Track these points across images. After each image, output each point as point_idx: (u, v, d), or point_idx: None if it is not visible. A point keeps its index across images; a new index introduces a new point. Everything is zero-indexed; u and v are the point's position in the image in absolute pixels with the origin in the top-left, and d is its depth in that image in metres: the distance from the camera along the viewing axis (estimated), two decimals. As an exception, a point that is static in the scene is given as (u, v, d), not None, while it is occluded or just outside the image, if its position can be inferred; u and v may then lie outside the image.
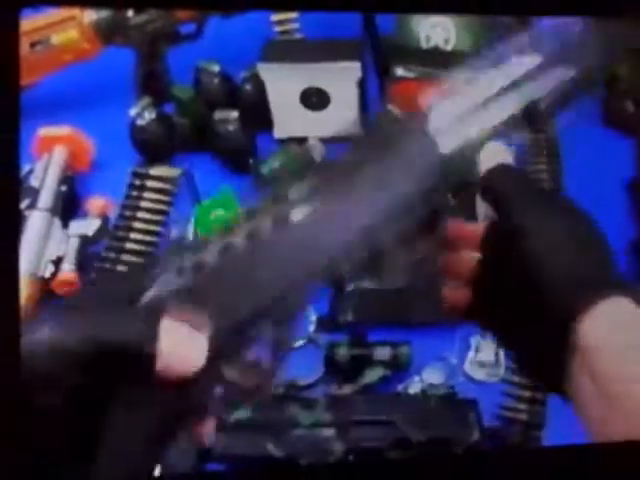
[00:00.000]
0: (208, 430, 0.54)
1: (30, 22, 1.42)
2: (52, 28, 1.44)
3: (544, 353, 0.58)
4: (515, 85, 0.61)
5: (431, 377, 1.18)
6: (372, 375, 1.17)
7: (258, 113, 1.48)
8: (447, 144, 0.59)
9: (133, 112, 1.42)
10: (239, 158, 1.43)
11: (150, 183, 1.40)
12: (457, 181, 0.59)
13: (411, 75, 1.33)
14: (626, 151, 1.47)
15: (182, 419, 0.52)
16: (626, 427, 0.51)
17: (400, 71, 1.34)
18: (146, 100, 1.43)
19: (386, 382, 1.19)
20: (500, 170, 0.65)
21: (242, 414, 1.11)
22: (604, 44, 0.61)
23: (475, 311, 0.66)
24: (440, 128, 0.59)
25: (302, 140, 1.46)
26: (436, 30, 1.31)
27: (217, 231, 0.54)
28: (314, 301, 1.10)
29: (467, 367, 1.20)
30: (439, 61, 1.32)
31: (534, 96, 0.62)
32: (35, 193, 1.32)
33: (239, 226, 0.54)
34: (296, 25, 1.58)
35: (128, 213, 1.37)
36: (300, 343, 1.22)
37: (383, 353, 1.17)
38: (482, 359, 1.21)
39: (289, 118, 1.49)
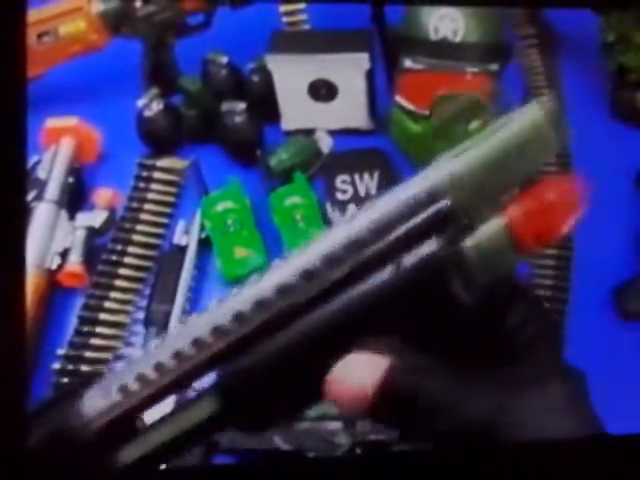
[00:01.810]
0: None
1: (37, 13, 1.42)
2: (59, 19, 1.44)
3: None
4: None
5: (438, 370, 1.18)
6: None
7: (266, 105, 1.47)
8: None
9: (140, 103, 1.42)
10: (246, 150, 1.42)
11: (157, 175, 1.41)
12: None
13: (419, 67, 1.33)
14: (635, 143, 1.46)
15: None
16: None
17: (408, 63, 1.34)
18: (154, 91, 1.43)
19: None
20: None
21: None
22: None
23: None
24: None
25: (310, 132, 1.46)
26: (445, 21, 1.31)
27: None
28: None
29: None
30: (448, 53, 1.31)
31: None
32: (42, 185, 1.32)
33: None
34: (304, 16, 1.58)
35: (135, 205, 1.37)
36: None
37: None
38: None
39: (297, 110, 1.48)
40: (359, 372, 0.48)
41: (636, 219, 1.37)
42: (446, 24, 1.31)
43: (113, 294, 1.27)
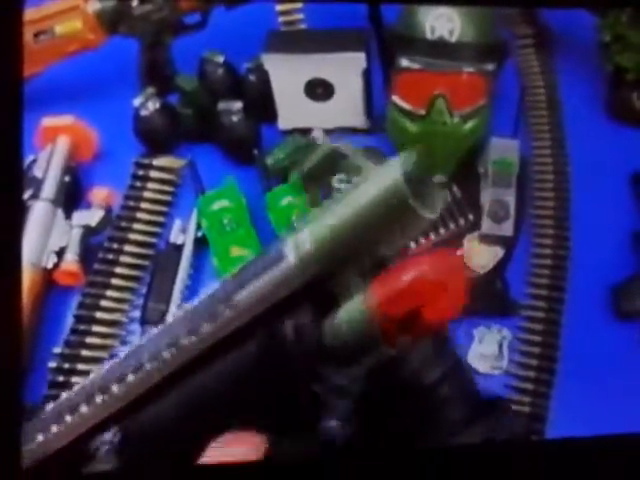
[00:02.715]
0: None
1: (34, 12, 1.42)
2: (56, 18, 1.43)
3: None
4: None
5: (434, 369, 1.18)
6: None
7: (262, 104, 1.47)
8: None
9: (137, 102, 1.41)
10: (243, 149, 1.42)
11: (154, 174, 1.41)
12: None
13: (416, 66, 1.33)
14: (632, 143, 1.46)
15: None
16: None
17: (405, 62, 1.34)
18: (150, 90, 1.42)
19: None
20: None
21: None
22: None
23: None
24: None
25: (306, 131, 1.46)
26: (441, 21, 1.31)
27: None
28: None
29: (470, 359, 1.20)
30: (444, 52, 1.31)
31: None
32: (38, 183, 1.32)
33: None
34: (301, 15, 1.58)
35: (131, 204, 1.37)
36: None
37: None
38: (485, 351, 1.21)
39: (293, 109, 1.48)
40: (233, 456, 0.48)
41: (633, 219, 1.37)
42: (442, 24, 1.31)
43: (109, 293, 1.27)
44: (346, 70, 1.41)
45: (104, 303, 1.26)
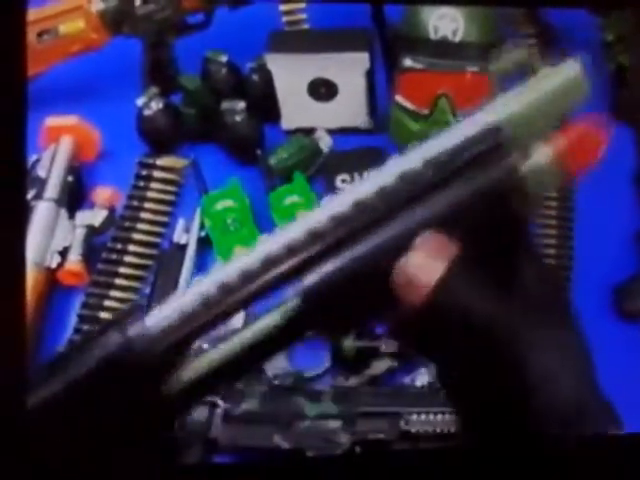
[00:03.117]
0: None
1: (37, 12, 1.42)
2: (59, 18, 1.44)
3: None
4: None
5: (438, 369, 1.17)
6: (379, 367, 1.17)
7: (265, 104, 1.47)
8: None
9: (140, 102, 1.42)
10: (246, 149, 1.42)
11: (157, 173, 1.40)
12: None
13: (419, 66, 1.33)
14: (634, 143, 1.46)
15: None
16: None
17: (408, 62, 1.34)
18: (153, 90, 1.43)
19: (393, 374, 1.18)
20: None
21: (249, 405, 1.11)
22: None
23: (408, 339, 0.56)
24: None
25: (310, 131, 1.46)
26: (444, 21, 1.31)
27: None
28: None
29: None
30: (447, 52, 1.31)
31: None
32: (42, 183, 1.32)
33: None
34: (304, 15, 1.58)
35: (135, 203, 1.37)
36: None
37: (390, 345, 1.17)
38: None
39: (296, 109, 1.48)
40: (429, 255, 0.51)
41: (636, 218, 1.37)
42: (446, 23, 1.31)
43: (113, 293, 1.27)
44: (349, 70, 1.41)
45: (108, 303, 1.26)
